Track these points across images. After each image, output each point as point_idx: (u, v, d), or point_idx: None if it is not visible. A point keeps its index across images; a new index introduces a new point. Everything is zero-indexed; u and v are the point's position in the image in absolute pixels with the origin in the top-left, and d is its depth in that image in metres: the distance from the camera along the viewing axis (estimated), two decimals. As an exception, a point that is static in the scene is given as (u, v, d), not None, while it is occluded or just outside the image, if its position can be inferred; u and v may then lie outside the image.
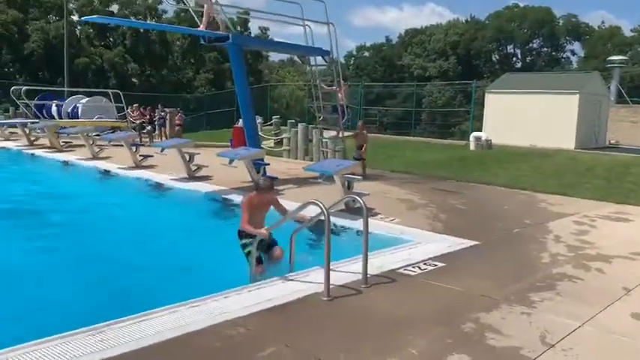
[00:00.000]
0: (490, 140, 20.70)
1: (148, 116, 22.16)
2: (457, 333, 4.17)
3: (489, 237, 7.41)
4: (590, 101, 23.64)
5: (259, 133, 15.49)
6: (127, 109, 22.51)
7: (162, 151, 13.11)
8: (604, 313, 4.75)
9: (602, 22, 64.02)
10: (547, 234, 7.72)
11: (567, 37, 63.19)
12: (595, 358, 3.94)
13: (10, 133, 20.03)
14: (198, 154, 12.42)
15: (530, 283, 5.45)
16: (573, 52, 64.03)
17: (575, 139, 22.18)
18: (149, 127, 21.82)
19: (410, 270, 5.66)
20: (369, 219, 5.30)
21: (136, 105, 23.01)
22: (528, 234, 7.74)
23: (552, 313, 4.66)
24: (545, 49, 63.56)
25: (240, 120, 13.65)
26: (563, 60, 62.75)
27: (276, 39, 48.45)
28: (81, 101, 23.08)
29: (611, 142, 27.41)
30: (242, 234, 5.91)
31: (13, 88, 22.34)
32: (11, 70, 42.11)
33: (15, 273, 6.06)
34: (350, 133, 14.19)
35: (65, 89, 27.74)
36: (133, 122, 21.75)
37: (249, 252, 5.72)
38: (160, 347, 3.75)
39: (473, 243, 6.98)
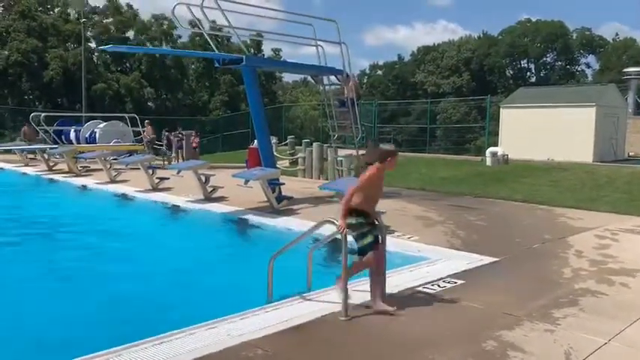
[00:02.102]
0: (507, 155, 20.51)
1: (176, 139, 22.49)
2: (479, 351, 4.09)
3: (509, 253, 7.29)
4: (608, 113, 23.37)
5: (274, 153, 15.53)
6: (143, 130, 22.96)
7: (178, 173, 13.15)
8: (630, 328, 4.62)
9: (617, 35, 63.78)
10: (568, 249, 7.58)
11: (581, 51, 63.00)
12: (623, 376, 3.83)
13: (30, 158, 20.36)
14: (214, 175, 12.48)
15: (553, 299, 5.34)
16: (588, 65, 63.89)
17: (593, 152, 21.90)
18: (167, 151, 22.07)
19: (429, 288, 5.59)
20: (386, 237, 5.26)
21: (147, 121, 23.54)
22: (549, 249, 7.61)
23: (577, 329, 4.55)
24: (560, 62, 63.39)
25: (256, 140, 13.71)
26: (577, 73, 62.50)
27: (289, 60, 48.92)
28: (98, 126, 23.42)
29: (630, 154, 27.00)
30: (353, 211, 4.87)
31: (32, 114, 22.74)
32: (31, 97, 43.02)
33: (34, 294, 6.10)
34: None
35: (83, 114, 28.20)
36: (147, 137, 22.19)
37: (363, 234, 4.87)
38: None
39: (492, 259, 6.88)
